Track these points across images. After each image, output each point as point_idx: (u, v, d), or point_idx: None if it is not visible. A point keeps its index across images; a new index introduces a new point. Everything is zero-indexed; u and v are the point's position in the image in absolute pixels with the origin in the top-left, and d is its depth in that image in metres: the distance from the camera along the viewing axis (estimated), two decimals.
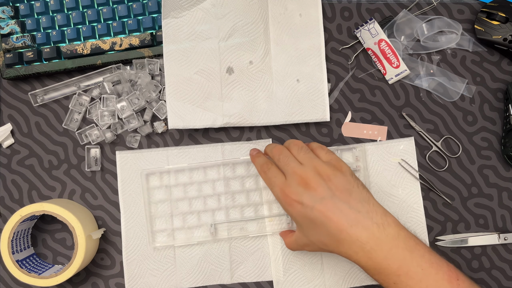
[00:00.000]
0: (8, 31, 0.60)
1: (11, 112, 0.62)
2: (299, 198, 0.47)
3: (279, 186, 0.49)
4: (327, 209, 0.46)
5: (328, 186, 0.47)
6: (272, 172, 0.51)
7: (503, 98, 0.61)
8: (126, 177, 0.60)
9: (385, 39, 0.59)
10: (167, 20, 0.59)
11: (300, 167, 0.49)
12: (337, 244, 0.46)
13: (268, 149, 0.54)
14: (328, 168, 0.49)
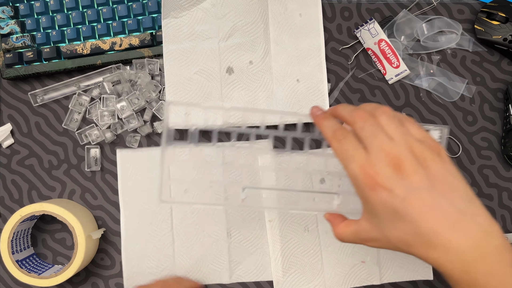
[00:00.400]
0: (8, 31, 0.60)
1: (11, 112, 0.62)
2: (387, 183, 0.37)
3: (359, 162, 0.38)
4: (423, 203, 0.37)
5: (425, 174, 0.38)
6: (350, 143, 0.40)
7: (503, 98, 0.60)
8: (126, 175, 0.59)
9: (385, 39, 0.59)
10: (167, 20, 0.59)
11: (390, 143, 0.38)
12: (426, 248, 0.37)
13: (345, 111, 0.42)
14: (425, 150, 0.39)
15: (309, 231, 0.58)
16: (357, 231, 0.42)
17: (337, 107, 0.43)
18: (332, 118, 0.43)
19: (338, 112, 0.42)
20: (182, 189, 0.49)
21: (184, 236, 0.58)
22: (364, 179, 0.38)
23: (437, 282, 0.59)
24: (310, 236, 0.58)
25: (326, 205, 0.49)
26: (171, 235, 0.58)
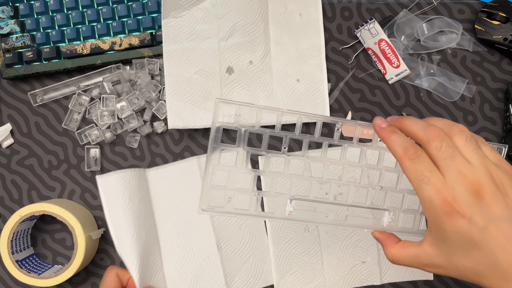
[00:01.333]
0: (7, 31, 0.60)
1: (10, 112, 0.62)
2: (466, 210, 0.35)
3: (435, 186, 0.36)
4: (503, 234, 0.34)
5: (506, 202, 0.36)
6: (425, 163, 0.37)
7: (503, 98, 0.60)
8: (113, 202, 0.53)
9: (385, 39, 0.59)
10: (167, 20, 0.59)
11: (469, 166, 0.36)
12: (502, 281, 0.35)
13: (416, 126, 0.39)
14: (503, 176, 0.37)
15: (309, 231, 0.58)
16: (418, 255, 0.40)
17: (404, 120, 0.40)
18: (401, 133, 0.40)
19: (407, 126, 0.39)
20: (223, 198, 0.45)
21: (174, 258, 0.57)
22: (440, 204, 0.36)
23: (437, 282, 0.59)
24: (310, 236, 0.58)
25: (374, 222, 0.45)
26: (160, 260, 0.57)
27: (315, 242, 0.58)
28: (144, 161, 0.61)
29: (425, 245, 0.39)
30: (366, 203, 0.46)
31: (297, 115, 0.44)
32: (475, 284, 0.37)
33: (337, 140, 0.45)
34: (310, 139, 0.45)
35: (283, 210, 0.45)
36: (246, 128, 0.44)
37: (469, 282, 0.37)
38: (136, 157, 0.61)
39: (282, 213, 0.45)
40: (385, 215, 0.46)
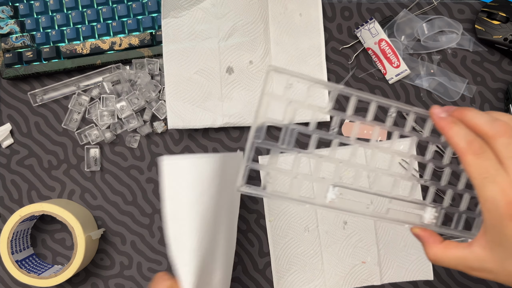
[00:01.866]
0: (7, 31, 0.60)
1: (10, 112, 0.62)
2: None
3: (500, 186, 0.34)
4: None
5: None
6: (491, 160, 0.35)
7: (503, 98, 0.60)
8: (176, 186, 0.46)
9: (386, 39, 0.59)
10: (166, 20, 0.59)
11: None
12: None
13: (481, 120, 0.36)
14: None
15: (309, 231, 0.58)
16: (465, 257, 0.37)
17: (466, 111, 0.37)
18: (463, 125, 0.37)
19: (469, 118, 0.36)
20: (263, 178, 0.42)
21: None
22: (505, 205, 0.33)
23: (437, 282, 0.59)
24: (310, 236, 0.58)
25: (415, 218, 0.43)
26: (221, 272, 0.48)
27: (315, 242, 0.58)
28: (144, 161, 0.61)
29: (476, 247, 0.36)
30: (409, 197, 0.43)
31: (354, 94, 0.40)
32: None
33: (389, 126, 0.42)
34: (362, 123, 0.42)
35: (324, 196, 0.42)
36: (295, 104, 0.41)
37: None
38: (136, 157, 0.61)
39: (322, 199, 0.42)
40: (428, 211, 0.43)
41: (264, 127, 0.40)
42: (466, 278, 0.59)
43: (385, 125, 0.42)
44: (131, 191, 0.61)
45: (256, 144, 0.40)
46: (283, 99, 0.40)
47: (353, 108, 0.41)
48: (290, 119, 0.41)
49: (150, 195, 0.60)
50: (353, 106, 0.41)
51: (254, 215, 0.60)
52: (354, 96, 0.41)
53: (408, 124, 0.42)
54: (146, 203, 0.60)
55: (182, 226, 0.40)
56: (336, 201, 0.42)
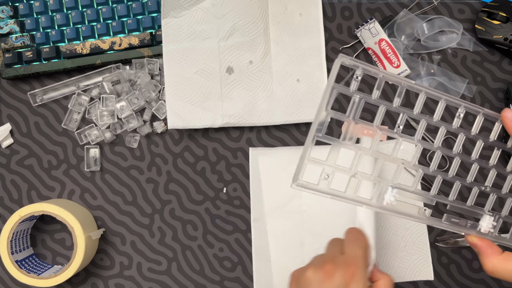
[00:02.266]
0: (7, 30, 0.60)
1: (10, 112, 0.62)
2: None
3: None
4: None
5: None
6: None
7: (503, 98, 0.60)
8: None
9: (386, 39, 0.59)
10: (166, 20, 0.58)
11: None
12: None
13: None
14: None
15: (305, 244, 0.58)
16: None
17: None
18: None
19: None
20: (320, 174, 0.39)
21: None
22: None
23: (437, 282, 0.59)
24: (306, 248, 0.58)
25: (471, 226, 0.41)
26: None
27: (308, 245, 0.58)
28: (144, 161, 0.61)
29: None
30: (468, 203, 0.42)
31: (423, 90, 0.38)
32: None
33: (455, 127, 0.40)
34: (428, 121, 0.40)
35: (381, 198, 0.40)
36: (361, 97, 0.38)
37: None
38: (136, 157, 0.61)
39: (379, 201, 0.40)
40: (485, 220, 0.42)
41: (327, 121, 0.37)
42: (466, 278, 0.59)
43: (452, 126, 0.41)
44: (131, 191, 0.61)
45: (317, 138, 0.38)
46: (350, 92, 0.38)
47: (420, 105, 0.39)
48: (355, 113, 0.38)
49: (150, 195, 0.60)
50: (421, 103, 0.39)
51: None
52: (423, 93, 0.39)
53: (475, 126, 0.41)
54: (146, 203, 0.60)
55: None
56: (393, 203, 0.40)
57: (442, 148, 0.41)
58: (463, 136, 0.41)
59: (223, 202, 0.60)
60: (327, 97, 0.37)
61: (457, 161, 0.42)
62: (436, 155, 0.41)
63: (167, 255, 0.60)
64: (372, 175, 0.40)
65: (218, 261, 0.60)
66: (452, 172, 0.42)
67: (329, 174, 0.39)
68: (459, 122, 0.41)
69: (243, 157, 0.60)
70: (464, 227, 0.41)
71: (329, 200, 0.39)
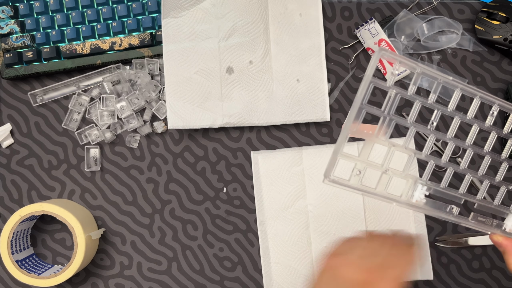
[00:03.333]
0: (7, 31, 0.60)
1: (10, 112, 0.62)
2: None
3: None
4: None
5: None
6: None
7: (503, 98, 0.60)
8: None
9: (386, 39, 0.59)
10: (167, 20, 0.59)
11: None
12: None
13: None
14: None
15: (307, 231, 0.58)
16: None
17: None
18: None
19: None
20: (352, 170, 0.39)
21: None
22: None
23: (437, 282, 0.59)
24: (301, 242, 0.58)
25: (497, 224, 0.41)
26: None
27: (308, 246, 0.58)
28: (144, 161, 0.61)
29: None
30: (495, 202, 0.42)
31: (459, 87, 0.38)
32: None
33: (488, 126, 0.40)
34: (462, 119, 0.40)
35: (411, 195, 0.40)
36: (397, 92, 0.38)
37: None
38: (136, 157, 0.61)
39: (408, 198, 0.40)
40: (511, 219, 0.42)
41: (362, 114, 0.37)
42: (466, 278, 0.59)
43: (485, 125, 0.41)
44: (131, 191, 0.61)
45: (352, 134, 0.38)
46: (387, 86, 0.38)
47: (456, 101, 0.39)
48: (390, 108, 0.38)
49: (150, 195, 0.60)
50: (456, 99, 0.39)
51: (254, 215, 0.60)
52: (459, 89, 0.39)
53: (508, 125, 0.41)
54: (146, 203, 0.60)
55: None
56: (423, 201, 0.40)
57: (473, 146, 0.41)
58: (495, 135, 0.41)
59: (223, 202, 0.60)
60: (363, 91, 0.36)
61: (487, 159, 0.42)
62: (468, 153, 0.41)
63: (167, 255, 0.60)
64: (403, 172, 0.40)
65: (218, 261, 0.60)
66: (482, 171, 0.42)
67: (361, 170, 0.38)
68: (492, 120, 0.40)
69: (243, 157, 0.61)
70: (490, 226, 0.41)
71: (335, 199, 0.39)
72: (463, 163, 0.42)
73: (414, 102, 0.39)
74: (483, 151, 0.42)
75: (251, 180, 0.60)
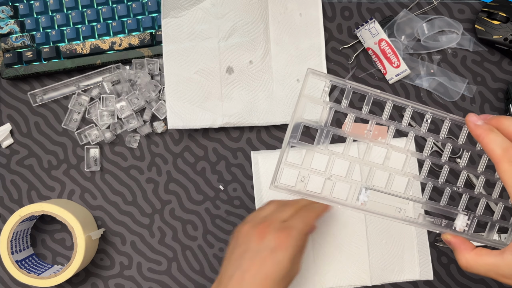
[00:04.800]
0: (7, 30, 0.60)
1: (10, 112, 0.62)
2: None
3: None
4: None
5: None
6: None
7: (503, 98, 0.60)
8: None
9: (386, 39, 0.59)
10: (166, 20, 0.58)
11: None
12: None
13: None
14: None
15: None
16: (498, 265, 0.37)
17: (503, 119, 0.38)
18: (499, 132, 0.38)
19: (506, 126, 0.37)
20: (296, 177, 0.42)
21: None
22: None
23: (437, 282, 0.59)
24: None
25: (446, 224, 0.43)
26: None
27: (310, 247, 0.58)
28: (144, 161, 0.61)
29: (508, 255, 0.37)
30: (442, 202, 0.44)
31: (389, 98, 0.42)
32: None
33: (423, 132, 0.43)
34: (397, 126, 0.43)
35: (356, 199, 0.43)
36: (332, 106, 0.42)
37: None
38: (136, 157, 0.61)
39: (354, 202, 0.43)
40: (460, 219, 0.44)
41: (300, 128, 0.41)
42: (466, 278, 0.59)
43: (420, 131, 0.43)
44: (131, 191, 0.61)
45: (292, 144, 0.41)
46: (321, 102, 0.41)
47: (388, 113, 0.42)
48: (326, 121, 0.42)
49: (150, 195, 0.60)
50: (388, 111, 0.42)
51: None
52: (390, 101, 0.42)
53: (443, 130, 0.43)
54: (146, 203, 0.60)
55: None
56: (368, 203, 0.43)
57: (414, 152, 0.44)
58: (432, 140, 0.44)
59: (223, 202, 0.60)
60: (300, 107, 0.40)
61: (427, 163, 0.44)
62: (407, 158, 0.44)
63: (167, 255, 0.60)
64: (346, 177, 0.43)
65: (218, 261, 0.60)
66: (423, 174, 0.44)
67: (305, 176, 0.42)
68: (427, 127, 0.43)
69: (243, 157, 0.60)
70: (439, 226, 0.43)
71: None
72: (404, 167, 0.44)
73: (348, 114, 0.42)
74: (422, 155, 0.44)
75: (251, 180, 0.60)
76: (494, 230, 0.44)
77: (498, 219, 0.45)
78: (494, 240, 0.44)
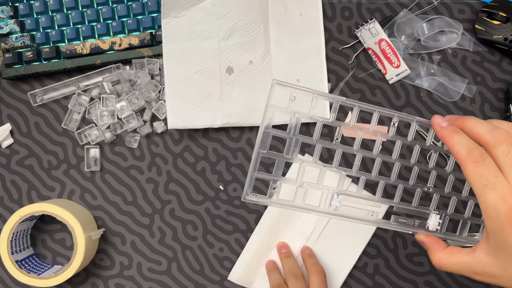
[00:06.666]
0: (7, 30, 0.60)
1: (10, 112, 0.62)
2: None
3: (500, 193, 0.34)
4: None
5: None
6: (491, 168, 0.35)
7: (503, 98, 0.60)
8: None
9: (386, 39, 0.59)
10: (166, 20, 0.58)
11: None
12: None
13: (481, 128, 0.37)
14: None
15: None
16: (469, 262, 0.38)
17: (467, 120, 0.38)
18: (463, 133, 0.38)
19: (470, 127, 0.37)
20: (269, 186, 0.43)
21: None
22: (505, 212, 0.34)
23: (437, 282, 0.59)
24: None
25: (419, 225, 0.44)
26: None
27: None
28: (144, 161, 0.61)
29: (479, 253, 0.37)
30: (413, 203, 0.45)
31: (357, 105, 0.42)
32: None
33: (391, 135, 0.44)
34: (365, 132, 0.43)
35: (329, 204, 0.43)
36: (299, 115, 0.42)
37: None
38: (136, 157, 0.61)
39: (327, 207, 0.43)
40: (432, 218, 0.44)
41: (269, 137, 0.41)
42: (466, 278, 0.59)
43: (388, 134, 0.44)
44: (131, 191, 0.61)
45: (262, 154, 0.41)
46: (288, 111, 0.42)
47: (355, 118, 0.43)
48: (295, 130, 0.42)
49: (150, 195, 0.60)
50: (356, 116, 0.43)
51: (254, 215, 0.60)
52: (357, 107, 0.42)
53: (410, 133, 0.44)
54: (146, 203, 0.60)
55: None
56: (340, 208, 0.43)
57: (382, 155, 0.44)
58: (400, 143, 0.44)
59: (223, 202, 0.60)
60: (267, 117, 0.41)
61: (397, 166, 0.45)
62: (376, 161, 0.44)
63: (167, 255, 0.60)
64: (317, 184, 0.43)
65: (218, 261, 0.60)
66: (394, 176, 0.45)
67: (277, 186, 0.43)
68: (394, 130, 0.44)
69: (243, 157, 0.60)
70: (412, 226, 0.44)
71: None
72: (374, 171, 0.44)
73: (316, 123, 0.42)
74: (391, 158, 0.44)
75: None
76: (466, 227, 0.45)
77: (470, 217, 0.45)
78: (467, 238, 0.45)
